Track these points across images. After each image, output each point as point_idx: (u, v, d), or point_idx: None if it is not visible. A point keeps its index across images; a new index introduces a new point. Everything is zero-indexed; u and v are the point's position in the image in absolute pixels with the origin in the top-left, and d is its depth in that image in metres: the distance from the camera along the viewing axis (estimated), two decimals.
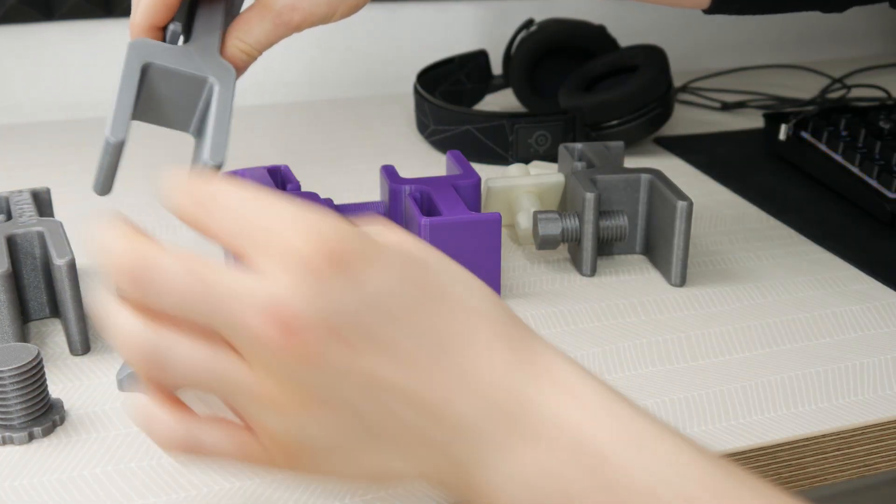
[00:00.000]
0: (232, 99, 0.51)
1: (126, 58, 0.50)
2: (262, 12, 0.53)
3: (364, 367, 0.33)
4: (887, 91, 1.01)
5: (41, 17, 0.96)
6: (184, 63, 0.51)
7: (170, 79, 0.51)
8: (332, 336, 0.32)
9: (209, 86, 0.51)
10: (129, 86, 0.50)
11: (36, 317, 0.57)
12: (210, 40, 0.53)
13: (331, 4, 0.53)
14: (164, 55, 0.51)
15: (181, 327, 0.34)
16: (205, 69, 0.51)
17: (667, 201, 0.61)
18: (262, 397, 0.34)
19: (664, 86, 0.85)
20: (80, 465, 0.45)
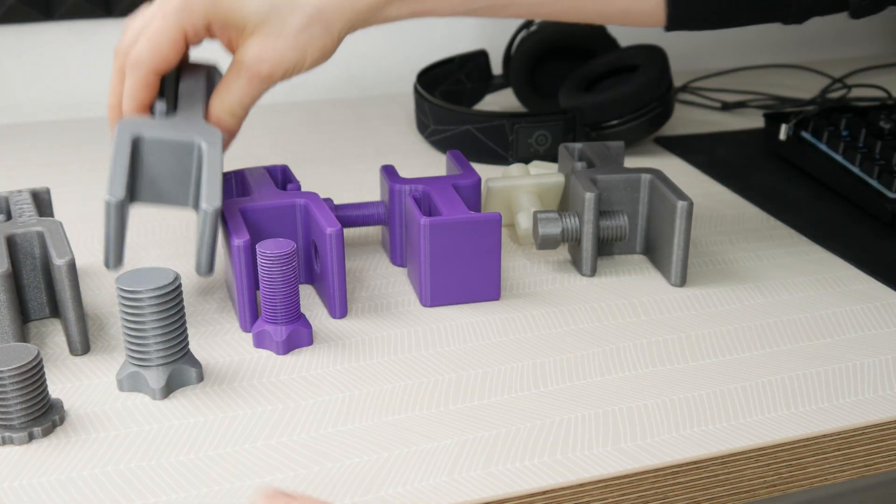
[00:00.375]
0: (221, 155, 0.54)
1: (116, 135, 0.53)
2: (235, 69, 0.57)
3: None
4: (888, 91, 1.01)
5: (41, 16, 0.96)
6: (171, 132, 0.54)
7: (160, 149, 0.54)
8: None
9: (198, 148, 0.54)
10: (122, 156, 0.52)
11: (36, 317, 0.57)
12: (194, 110, 0.56)
13: (297, 51, 0.57)
14: (152, 128, 0.54)
15: None
16: (191, 134, 0.54)
17: (667, 201, 0.61)
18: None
19: (664, 85, 0.85)
20: (80, 466, 0.45)
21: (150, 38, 0.55)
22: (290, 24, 0.56)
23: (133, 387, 0.50)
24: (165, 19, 0.55)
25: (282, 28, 0.56)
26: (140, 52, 0.55)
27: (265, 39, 0.56)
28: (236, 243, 0.54)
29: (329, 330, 0.57)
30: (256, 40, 0.56)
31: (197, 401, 0.50)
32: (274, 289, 0.53)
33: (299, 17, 0.56)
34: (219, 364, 0.53)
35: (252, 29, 0.56)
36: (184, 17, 0.55)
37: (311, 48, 0.57)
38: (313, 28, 0.56)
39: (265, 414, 0.49)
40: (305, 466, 0.45)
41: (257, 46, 0.56)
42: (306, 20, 0.56)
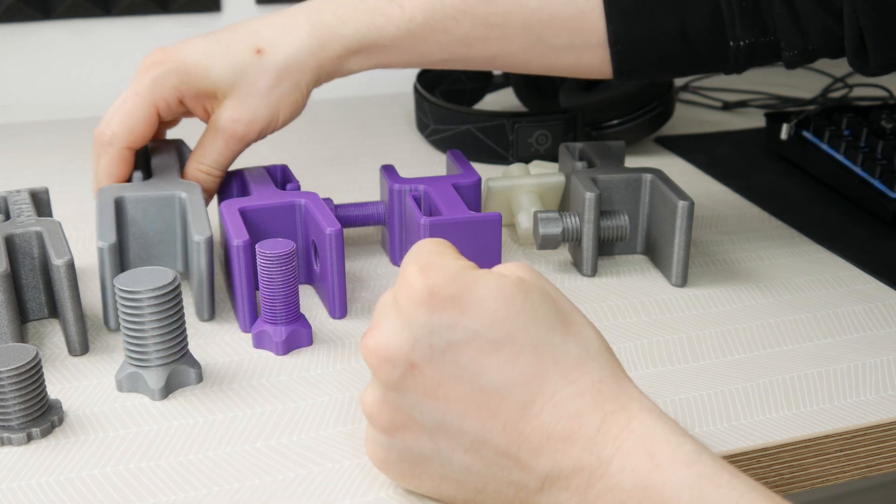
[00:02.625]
0: (202, 201, 0.57)
1: (98, 198, 0.56)
2: (211, 132, 0.61)
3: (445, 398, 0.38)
4: (889, 90, 1.01)
5: (39, 15, 0.96)
6: (151, 191, 0.58)
7: (143, 205, 0.57)
8: (412, 367, 0.38)
9: (178, 199, 0.58)
10: (107, 212, 0.55)
11: (34, 317, 0.56)
12: (169, 173, 0.61)
13: (269, 109, 0.60)
14: (132, 190, 0.58)
15: None
16: (171, 190, 0.58)
17: (668, 201, 0.61)
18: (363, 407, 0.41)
19: (665, 85, 0.85)
20: (79, 467, 0.45)
21: (123, 115, 0.59)
22: (258, 84, 0.59)
23: (132, 387, 0.50)
24: (138, 96, 0.59)
25: (251, 89, 0.59)
26: (114, 129, 0.59)
27: (237, 101, 0.60)
28: (236, 243, 0.54)
29: (329, 330, 0.57)
30: (230, 103, 0.60)
31: (196, 401, 0.50)
32: (273, 289, 0.53)
33: (266, 77, 0.59)
34: (218, 364, 0.53)
35: (224, 93, 0.60)
36: (155, 93, 0.59)
37: (282, 105, 0.60)
38: (282, 85, 0.60)
39: (265, 414, 0.49)
40: (305, 467, 0.45)
41: (231, 109, 0.60)
42: (274, 79, 0.59)
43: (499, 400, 0.38)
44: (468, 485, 0.40)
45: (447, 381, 0.38)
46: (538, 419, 0.38)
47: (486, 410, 0.38)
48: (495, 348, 0.38)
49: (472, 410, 0.38)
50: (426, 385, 0.38)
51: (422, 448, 0.40)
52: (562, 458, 0.37)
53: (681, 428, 0.38)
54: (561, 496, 0.38)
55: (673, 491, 0.35)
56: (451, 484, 0.40)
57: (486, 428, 0.38)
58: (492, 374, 0.38)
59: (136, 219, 0.57)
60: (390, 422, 0.40)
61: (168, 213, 0.58)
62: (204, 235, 0.54)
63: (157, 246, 0.58)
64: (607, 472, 0.37)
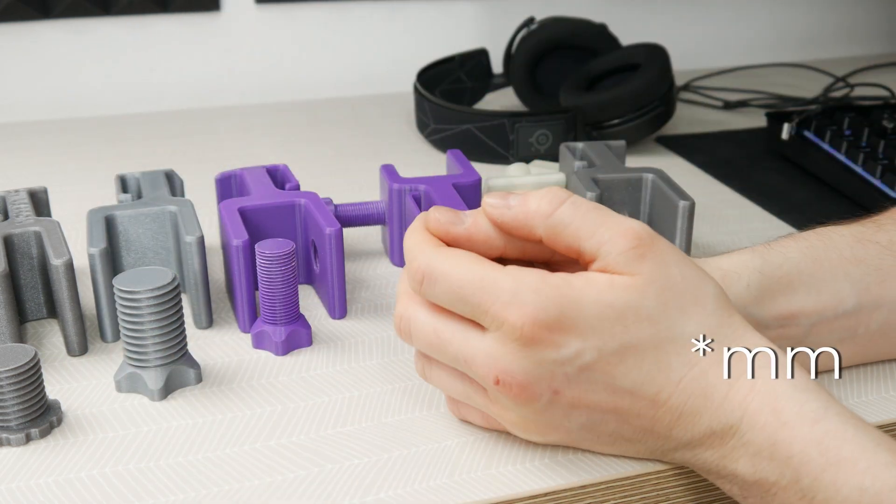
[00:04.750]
0: (194, 213, 0.57)
1: (88, 217, 0.56)
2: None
3: (588, 406, 0.42)
4: (891, 90, 1.01)
5: (38, 14, 0.95)
6: (141, 207, 0.58)
7: (134, 223, 0.57)
8: (556, 393, 0.41)
9: (170, 213, 0.57)
10: (97, 225, 0.55)
11: (33, 317, 0.56)
12: (159, 192, 0.60)
13: None
14: (122, 209, 0.57)
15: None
16: (161, 205, 0.58)
17: (668, 201, 0.61)
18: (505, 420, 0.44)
19: (666, 84, 0.85)
20: (78, 467, 0.45)
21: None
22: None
23: (131, 388, 0.50)
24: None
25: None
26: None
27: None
28: (235, 243, 0.54)
29: (328, 330, 0.57)
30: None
31: (195, 402, 0.50)
32: (273, 289, 0.52)
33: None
34: (217, 365, 0.53)
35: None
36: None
37: None
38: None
39: (264, 415, 0.49)
40: (304, 468, 0.45)
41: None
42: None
43: (631, 397, 0.41)
44: (619, 449, 0.44)
45: (586, 394, 0.41)
46: (668, 404, 0.41)
47: (622, 406, 0.41)
48: (620, 358, 0.40)
49: (611, 409, 0.42)
50: (570, 401, 0.41)
51: (574, 437, 0.44)
52: (693, 427, 0.41)
53: (807, 380, 0.40)
54: (695, 451, 0.42)
55: (800, 447, 0.38)
56: (606, 448, 0.45)
57: (622, 419, 0.42)
58: (622, 379, 0.41)
59: (128, 234, 0.57)
60: (538, 430, 0.43)
61: (159, 228, 0.58)
62: (195, 235, 0.54)
63: (152, 260, 0.58)
64: (738, 431, 0.40)
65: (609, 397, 0.41)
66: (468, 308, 0.41)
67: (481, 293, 0.40)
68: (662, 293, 0.41)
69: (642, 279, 0.41)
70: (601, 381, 0.41)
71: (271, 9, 1.04)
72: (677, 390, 0.41)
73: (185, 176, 0.67)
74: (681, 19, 1.19)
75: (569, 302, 0.40)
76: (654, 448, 0.43)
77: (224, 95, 1.05)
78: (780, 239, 0.51)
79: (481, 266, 0.41)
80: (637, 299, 0.40)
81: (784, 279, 0.48)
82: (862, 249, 0.50)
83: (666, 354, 0.41)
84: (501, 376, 0.41)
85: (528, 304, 0.39)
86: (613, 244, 0.41)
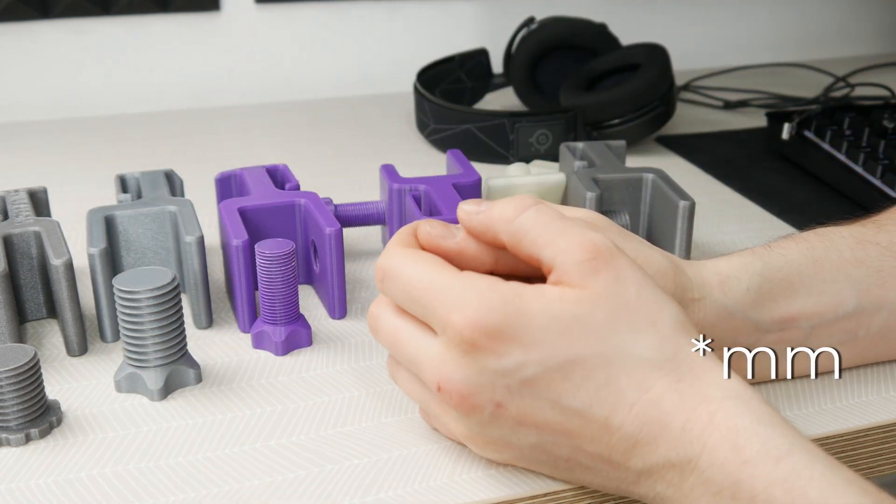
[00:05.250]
0: (194, 213, 0.57)
1: (88, 217, 0.56)
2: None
3: (535, 425, 0.40)
4: (891, 90, 1.01)
5: (38, 14, 0.95)
6: (140, 207, 0.58)
7: (134, 223, 0.57)
8: (498, 406, 0.39)
9: (169, 213, 0.57)
10: (97, 225, 0.55)
11: (33, 317, 0.56)
12: (159, 192, 0.60)
13: None
14: (122, 209, 0.57)
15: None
16: (161, 205, 0.58)
17: (668, 201, 0.61)
18: (451, 433, 0.44)
19: (666, 84, 0.84)
20: (77, 467, 0.45)
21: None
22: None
23: (131, 388, 0.50)
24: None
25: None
26: None
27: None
28: (235, 243, 0.54)
29: (328, 330, 0.57)
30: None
31: (195, 402, 0.50)
32: (273, 289, 0.52)
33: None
34: (217, 365, 0.53)
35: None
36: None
37: None
38: None
39: (264, 415, 0.49)
40: (304, 468, 0.45)
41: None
42: None
43: (581, 419, 0.39)
44: (572, 479, 0.42)
45: (532, 411, 0.39)
46: (621, 430, 0.39)
47: (573, 429, 0.39)
48: (565, 374, 0.39)
49: (562, 431, 0.40)
50: (515, 417, 0.40)
51: (525, 456, 0.42)
52: (650, 458, 0.38)
53: (771, 413, 0.38)
54: (657, 487, 0.39)
55: (763, 486, 0.35)
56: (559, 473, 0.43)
57: (575, 443, 0.40)
58: (569, 398, 0.39)
59: (128, 234, 0.57)
60: (490, 446, 0.42)
61: (159, 228, 0.58)
62: (195, 235, 0.54)
63: (152, 260, 0.58)
64: (697, 468, 0.37)
65: (557, 417, 0.39)
66: (419, 309, 0.41)
67: (429, 294, 0.40)
68: (614, 310, 0.39)
69: (593, 293, 0.39)
70: (547, 399, 0.39)
71: (271, 9, 1.04)
72: (630, 415, 0.38)
73: (185, 176, 0.67)
74: (681, 19, 1.19)
75: (513, 310, 0.38)
76: (614, 479, 0.40)
77: (224, 95, 1.05)
78: (779, 240, 0.50)
79: (436, 269, 0.41)
80: (585, 314, 0.39)
81: (784, 282, 0.48)
82: (862, 251, 0.50)
83: (616, 376, 0.38)
84: (443, 383, 0.40)
85: (470, 308, 0.38)
86: (569, 254, 0.40)
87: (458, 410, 0.40)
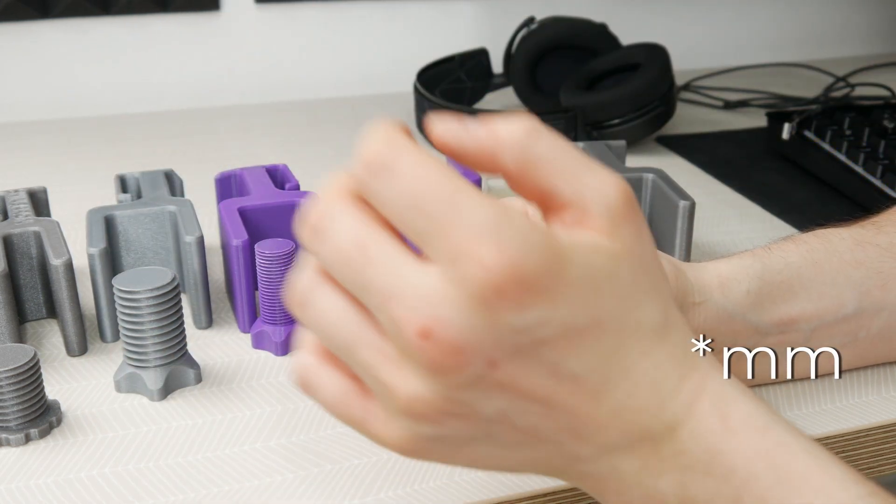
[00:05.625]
0: (194, 213, 0.57)
1: (88, 217, 0.56)
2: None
3: (517, 390, 0.32)
4: (891, 90, 1.01)
5: (38, 14, 0.95)
6: (140, 207, 0.58)
7: (134, 223, 0.57)
8: (490, 366, 0.31)
9: (169, 214, 0.58)
10: (97, 226, 0.55)
11: (32, 317, 0.56)
12: (159, 192, 0.60)
13: None
14: (122, 209, 0.57)
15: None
16: (161, 205, 0.58)
17: (669, 201, 0.61)
18: (395, 397, 0.32)
19: (666, 84, 0.84)
20: (77, 468, 0.45)
21: None
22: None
23: (131, 388, 0.50)
24: None
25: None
26: None
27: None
28: (235, 243, 0.54)
29: None
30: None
31: (195, 402, 0.50)
32: (273, 289, 0.52)
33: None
34: (217, 365, 0.53)
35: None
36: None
37: None
38: None
39: (264, 415, 0.49)
40: (304, 468, 0.45)
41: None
42: None
43: (573, 384, 0.33)
44: (512, 458, 0.35)
45: (524, 375, 0.32)
46: (610, 397, 0.33)
47: (557, 398, 0.33)
48: (581, 336, 0.32)
49: (540, 398, 0.33)
50: (500, 380, 0.32)
51: (471, 433, 0.33)
52: (630, 427, 0.34)
53: (746, 388, 0.35)
54: (619, 462, 0.34)
55: (745, 459, 0.33)
56: (493, 460, 0.35)
57: (548, 412, 0.33)
58: (571, 362, 0.32)
59: (128, 234, 0.57)
60: (439, 412, 0.32)
61: (159, 228, 0.58)
62: (195, 235, 0.54)
63: (152, 260, 0.58)
64: (676, 437, 0.33)
65: (547, 382, 0.32)
66: (422, 223, 0.30)
67: (449, 209, 0.30)
68: (635, 269, 0.34)
69: (623, 247, 0.33)
70: (549, 363, 0.32)
71: (271, 9, 1.04)
72: (624, 381, 0.33)
73: (185, 176, 0.67)
74: (681, 19, 1.18)
75: (555, 257, 0.31)
76: (568, 454, 0.35)
77: (224, 95, 1.05)
78: (779, 242, 0.50)
79: (461, 180, 0.31)
80: (614, 270, 0.33)
81: (785, 284, 0.47)
82: (862, 252, 0.50)
83: (623, 342, 0.33)
84: (434, 326, 0.30)
85: (512, 246, 0.30)
86: (600, 193, 0.33)
87: (435, 367, 0.31)
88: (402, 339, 0.31)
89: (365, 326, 0.32)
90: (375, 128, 0.33)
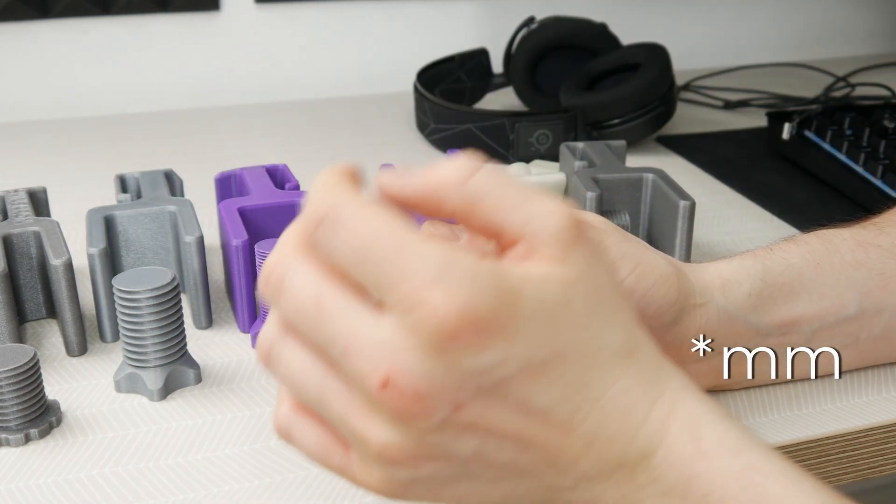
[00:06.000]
0: (194, 214, 0.57)
1: (88, 218, 0.56)
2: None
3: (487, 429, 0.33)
4: (891, 89, 1.01)
5: (38, 14, 0.95)
6: (140, 207, 0.58)
7: (134, 223, 0.57)
8: (456, 409, 0.31)
9: (168, 214, 0.57)
10: (97, 226, 0.55)
11: (32, 317, 0.56)
12: (158, 192, 0.60)
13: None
14: (122, 209, 0.57)
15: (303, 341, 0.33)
16: (161, 205, 0.58)
17: (669, 201, 0.61)
18: (368, 446, 0.33)
19: (666, 84, 0.84)
20: (77, 468, 0.45)
21: None
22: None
23: (131, 388, 0.50)
24: None
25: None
26: None
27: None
28: (235, 243, 0.54)
29: None
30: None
31: (195, 402, 0.50)
32: None
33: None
34: (217, 365, 0.53)
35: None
36: None
37: None
38: None
39: (264, 415, 0.49)
40: (304, 468, 0.45)
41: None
42: None
43: (542, 419, 0.33)
44: (495, 492, 0.35)
45: (491, 414, 0.32)
46: (581, 428, 0.33)
47: (527, 433, 0.33)
48: (544, 369, 0.32)
49: (512, 435, 0.33)
50: (468, 421, 0.32)
51: (449, 473, 0.34)
52: (605, 456, 0.34)
53: (719, 407, 0.35)
54: (598, 490, 0.34)
55: (720, 481, 0.33)
56: (477, 495, 0.35)
57: (521, 447, 0.34)
58: (539, 396, 0.32)
59: (128, 234, 0.57)
60: (412, 457, 0.33)
61: (159, 228, 0.58)
62: (194, 235, 0.54)
63: (152, 260, 0.58)
64: (651, 465, 0.33)
65: (516, 418, 0.33)
66: (372, 274, 0.30)
67: (397, 258, 0.30)
68: (591, 294, 0.33)
69: (575, 272, 0.32)
70: (514, 399, 0.32)
71: (271, 9, 1.04)
72: (593, 411, 0.33)
73: (185, 176, 0.67)
74: (681, 19, 1.18)
75: (506, 296, 0.31)
76: (546, 486, 0.35)
77: (224, 95, 1.05)
78: (780, 243, 0.50)
79: (404, 227, 0.31)
80: (569, 298, 0.32)
81: (786, 285, 0.47)
82: (863, 253, 0.50)
83: (588, 370, 0.33)
84: (394, 375, 0.30)
85: (461, 291, 0.29)
86: (545, 220, 0.32)
87: (400, 414, 0.31)
88: (365, 390, 0.31)
89: (331, 379, 0.33)
90: (320, 177, 0.33)
